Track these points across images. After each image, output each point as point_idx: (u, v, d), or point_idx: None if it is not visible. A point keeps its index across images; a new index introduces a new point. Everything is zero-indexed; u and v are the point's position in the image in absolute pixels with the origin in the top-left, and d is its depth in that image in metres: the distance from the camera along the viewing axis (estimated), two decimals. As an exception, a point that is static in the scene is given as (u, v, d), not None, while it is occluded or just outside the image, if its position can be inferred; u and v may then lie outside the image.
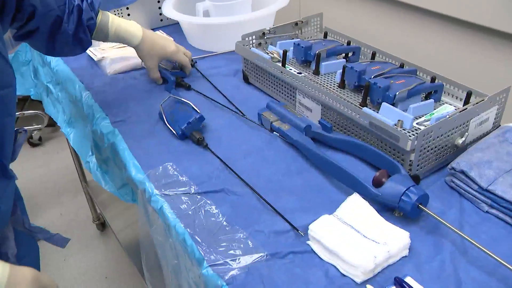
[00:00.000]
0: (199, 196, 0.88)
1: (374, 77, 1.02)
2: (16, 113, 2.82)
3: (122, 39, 1.18)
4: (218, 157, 0.98)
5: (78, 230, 2.25)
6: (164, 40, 1.25)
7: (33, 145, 2.88)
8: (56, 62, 1.46)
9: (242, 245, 0.78)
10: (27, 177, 2.58)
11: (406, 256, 0.75)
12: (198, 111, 1.06)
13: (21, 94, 1.79)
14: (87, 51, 1.47)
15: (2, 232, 0.91)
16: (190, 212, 0.85)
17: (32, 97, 1.75)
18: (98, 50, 1.47)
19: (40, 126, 2.85)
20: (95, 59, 1.42)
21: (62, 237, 1.02)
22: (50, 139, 2.95)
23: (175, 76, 1.27)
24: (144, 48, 1.21)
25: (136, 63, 1.39)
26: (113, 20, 1.15)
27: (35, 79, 1.70)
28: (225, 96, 1.21)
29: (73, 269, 2.07)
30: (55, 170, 2.66)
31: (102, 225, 2.24)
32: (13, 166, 0.88)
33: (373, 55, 1.16)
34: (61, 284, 2.00)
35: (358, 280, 0.71)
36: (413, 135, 0.89)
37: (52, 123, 2.92)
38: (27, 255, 1.04)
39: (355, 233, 0.76)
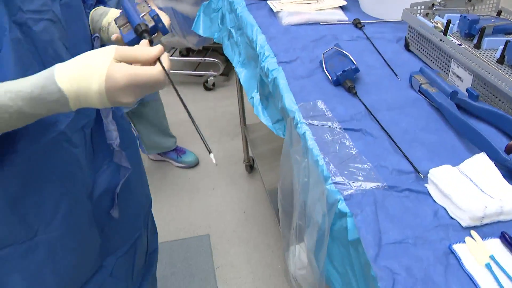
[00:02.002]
0: (339, 130, 1.00)
1: (537, 56, 1.01)
2: (198, 58, 3.22)
3: None
4: (364, 104, 1.08)
5: (229, 167, 2.53)
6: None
7: (207, 89, 3.24)
8: (241, 9, 1.67)
9: (365, 173, 0.88)
10: (198, 116, 2.93)
11: (519, 217, 0.78)
12: (355, 62, 1.17)
13: (207, 36, 2.06)
14: (269, 3, 1.65)
15: (106, 125, 0.97)
16: (327, 142, 0.98)
17: (215, 40, 2.00)
18: (278, 3, 1.64)
19: (215, 73, 3.19)
20: (274, 10, 1.59)
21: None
22: (222, 86, 3.28)
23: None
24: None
25: (309, 18, 1.53)
26: None
27: (221, 25, 1.94)
28: (383, 57, 1.29)
29: (218, 197, 2.35)
30: (221, 113, 2.98)
31: (251, 167, 2.48)
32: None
33: (545, 39, 1.14)
34: (206, 208, 2.30)
35: (464, 224, 0.76)
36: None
37: (225, 73, 3.25)
38: (128, 147, 1.07)
39: (472, 185, 0.81)
